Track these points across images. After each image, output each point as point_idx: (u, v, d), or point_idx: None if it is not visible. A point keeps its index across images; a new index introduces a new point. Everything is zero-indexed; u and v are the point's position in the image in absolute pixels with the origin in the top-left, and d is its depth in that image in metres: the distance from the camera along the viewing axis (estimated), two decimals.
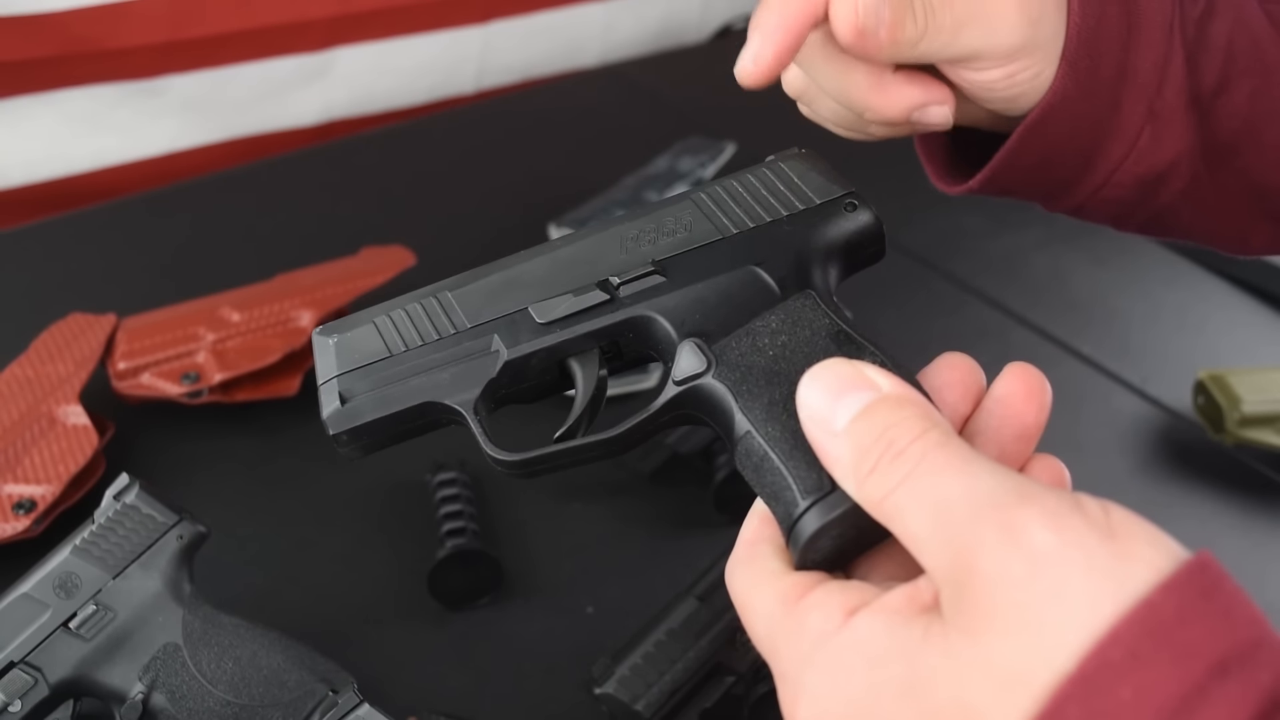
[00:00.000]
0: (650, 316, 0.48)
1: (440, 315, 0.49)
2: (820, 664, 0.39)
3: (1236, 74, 0.59)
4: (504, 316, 0.49)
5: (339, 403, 0.48)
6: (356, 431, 0.48)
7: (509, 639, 0.78)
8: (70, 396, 0.84)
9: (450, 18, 1.36)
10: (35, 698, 0.62)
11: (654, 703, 0.68)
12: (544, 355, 0.48)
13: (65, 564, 0.65)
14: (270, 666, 0.64)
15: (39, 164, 1.20)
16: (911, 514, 0.38)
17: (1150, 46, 0.57)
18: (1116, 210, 0.62)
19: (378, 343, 0.49)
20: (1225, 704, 0.32)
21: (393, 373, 0.48)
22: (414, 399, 0.48)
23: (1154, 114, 0.58)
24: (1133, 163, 0.58)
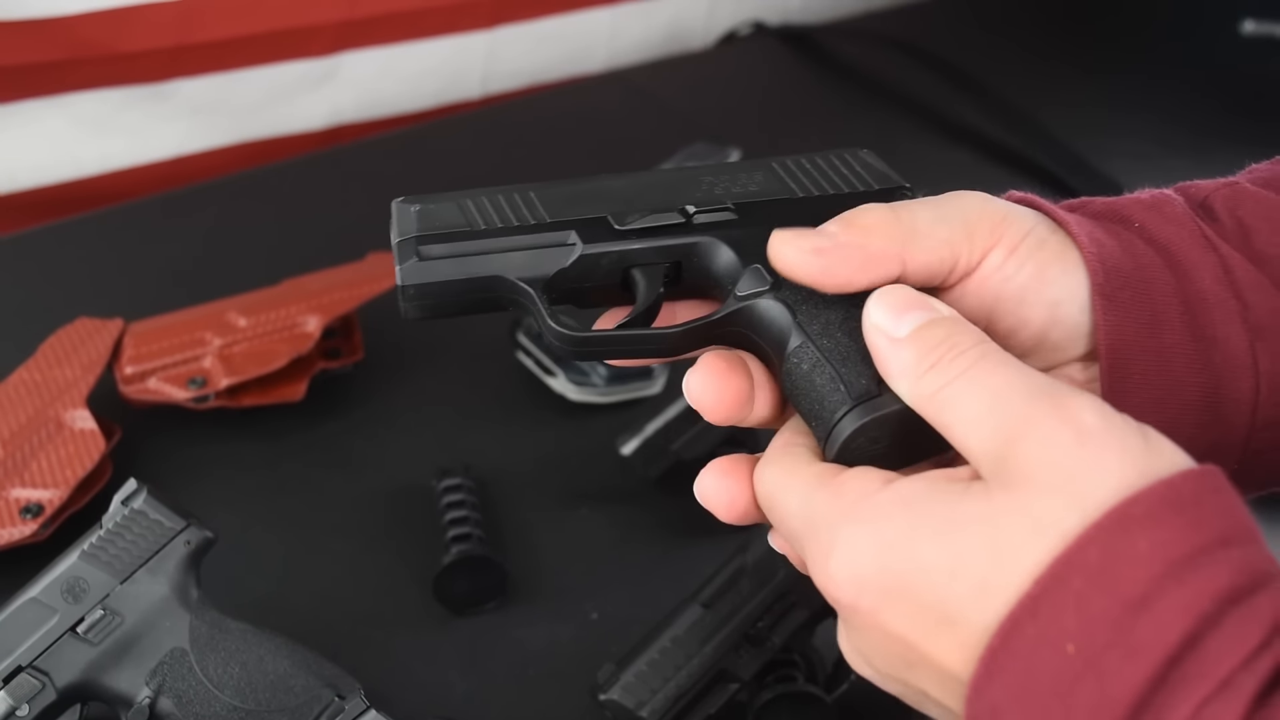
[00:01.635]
0: (719, 243, 0.51)
1: (521, 207, 0.52)
2: (858, 516, 0.42)
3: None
4: (583, 219, 0.52)
5: (416, 257, 0.50)
6: (426, 288, 0.50)
7: (514, 644, 0.78)
8: (77, 401, 0.85)
9: (456, 23, 1.36)
10: (43, 702, 0.63)
11: (659, 709, 0.68)
12: (615, 258, 0.51)
13: (73, 569, 0.65)
14: (277, 672, 0.65)
15: (47, 167, 1.20)
16: (968, 400, 0.42)
17: (1196, 266, 0.50)
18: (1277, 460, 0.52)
19: (459, 217, 0.52)
20: (1227, 565, 0.37)
21: (471, 245, 0.51)
22: (488, 269, 0.51)
23: (1257, 331, 0.49)
24: (1267, 391, 0.49)
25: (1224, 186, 0.53)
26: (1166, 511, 0.37)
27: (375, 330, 0.97)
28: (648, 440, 0.87)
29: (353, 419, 0.93)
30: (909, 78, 1.39)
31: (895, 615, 0.41)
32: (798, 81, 1.45)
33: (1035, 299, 0.49)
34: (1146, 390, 0.49)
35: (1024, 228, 0.50)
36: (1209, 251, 0.50)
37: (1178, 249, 0.50)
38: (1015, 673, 0.38)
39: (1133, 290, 0.49)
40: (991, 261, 0.49)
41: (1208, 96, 1.39)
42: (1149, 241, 0.51)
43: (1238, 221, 0.52)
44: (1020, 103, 1.33)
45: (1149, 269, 0.50)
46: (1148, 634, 0.36)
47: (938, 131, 1.32)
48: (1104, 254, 0.49)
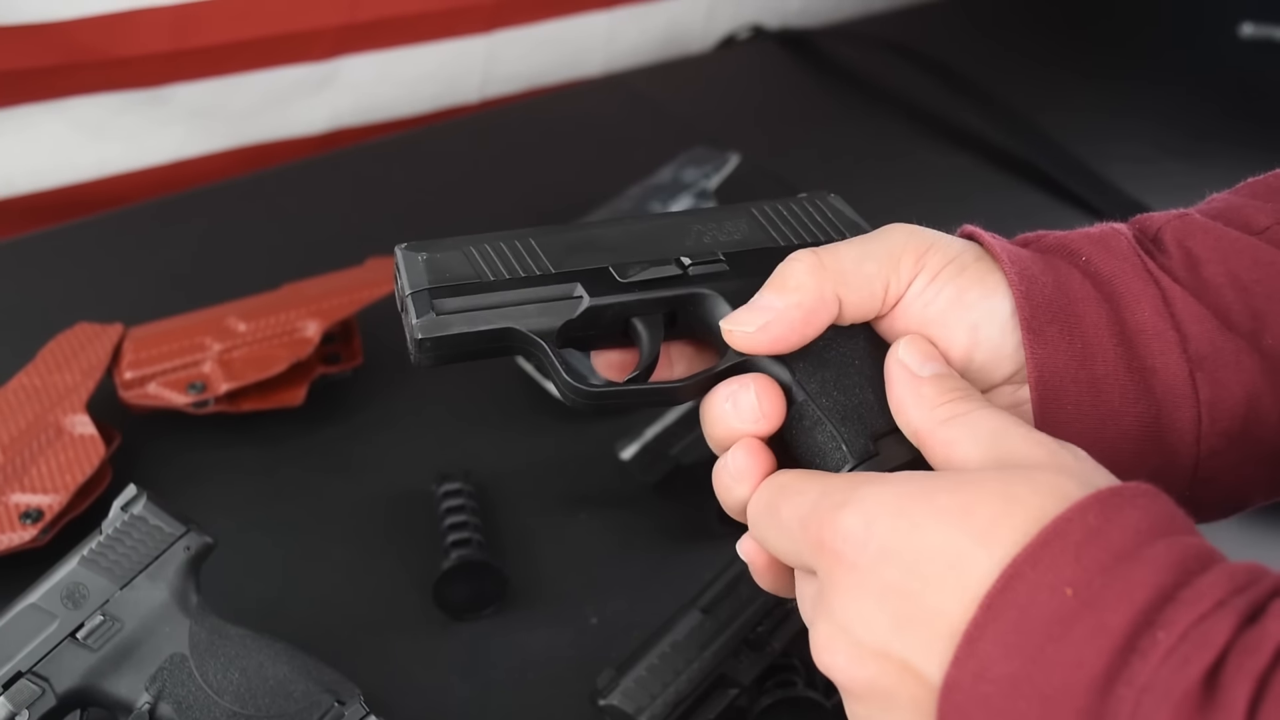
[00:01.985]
0: (715, 295, 0.55)
1: (524, 257, 0.54)
2: (878, 479, 0.45)
3: (1264, 304, 0.52)
4: (587, 270, 0.54)
5: (432, 312, 0.52)
6: (441, 340, 0.52)
7: (513, 650, 0.78)
8: (77, 406, 0.85)
9: (455, 27, 1.36)
10: (42, 708, 0.63)
11: (658, 714, 0.68)
12: (619, 309, 0.54)
13: (73, 574, 0.65)
14: (276, 677, 0.65)
15: (44, 172, 1.20)
16: (975, 429, 0.47)
17: (1136, 298, 0.52)
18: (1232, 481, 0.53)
19: (468, 268, 0.54)
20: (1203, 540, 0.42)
21: (483, 299, 0.53)
22: (501, 322, 0.53)
23: (1196, 362, 0.51)
24: (1209, 421, 0.51)
25: (1176, 218, 0.55)
26: (1152, 501, 0.42)
27: (374, 335, 0.97)
28: (647, 445, 0.87)
29: (352, 424, 0.93)
30: (908, 82, 1.39)
31: (901, 561, 0.43)
32: (796, 85, 1.45)
33: (956, 322, 0.52)
34: (1080, 420, 0.51)
35: (948, 255, 0.53)
36: (1149, 284, 0.52)
37: (1119, 282, 0.52)
38: (1011, 619, 0.40)
39: (1061, 323, 0.51)
40: (915, 288, 0.52)
41: (1207, 100, 1.39)
42: (1091, 275, 0.53)
43: (1186, 252, 0.53)
44: (1019, 107, 1.33)
45: (1081, 302, 0.52)
46: (1141, 577, 0.39)
47: (936, 136, 1.33)
48: (1029, 280, 0.52)
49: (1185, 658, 0.37)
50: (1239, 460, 0.52)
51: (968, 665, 0.40)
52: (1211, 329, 0.51)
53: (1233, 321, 0.52)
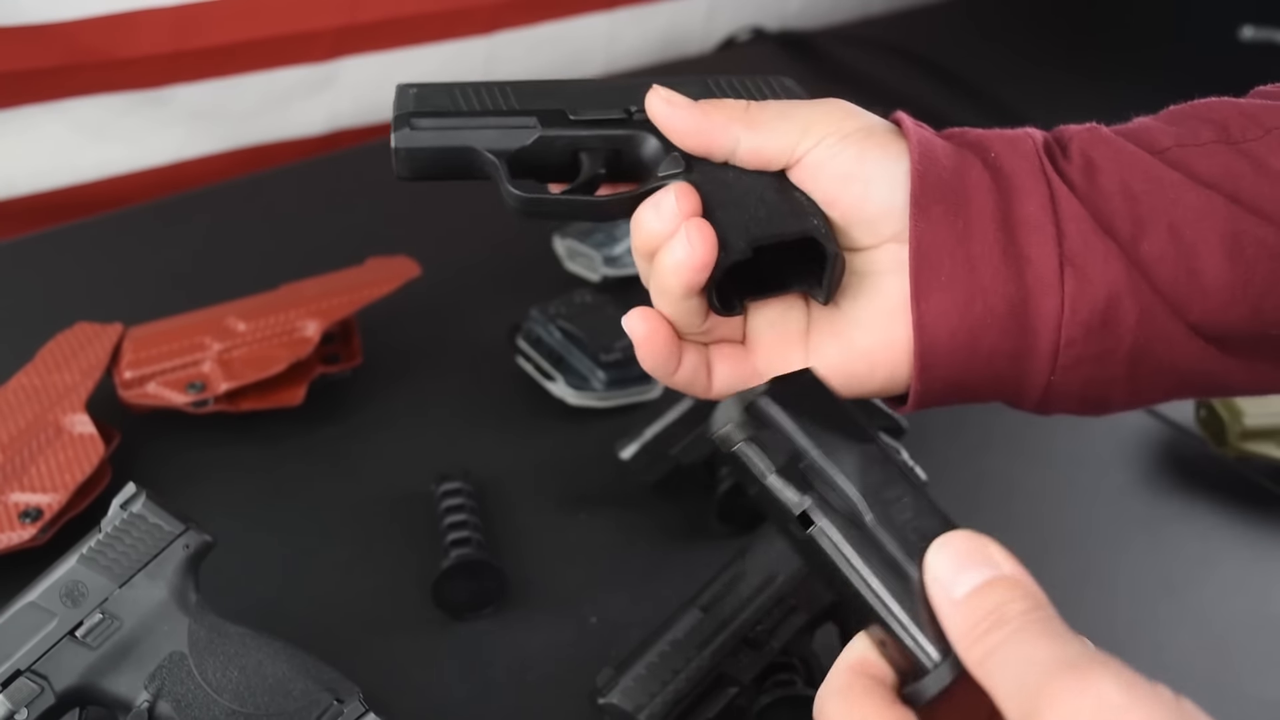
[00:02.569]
0: (649, 135, 0.61)
1: (497, 96, 0.62)
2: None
3: (1147, 213, 0.56)
4: (545, 109, 0.62)
5: (408, 127, 0.60)
6: (413, 151, 0.60)
7: (513, 649, 0.78)
8: (76, 405, 0.85)
9: (455, 29, 1.36)
10: (41, 706, 0.63)
11: (657, 713, 0.68)
12: (566, 141, 0.61)
13: (72, 572, 0.65)
14: (275, 675, 0.65)
15: (45, 173, 1.20)
16: (1003, 671, 0.41)
17: (1028, 193, 0.56)
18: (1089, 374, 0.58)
19: (448, 101, 0.62)
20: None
21: (452, 121, 0.61)
22: (463, 141, 0.61)
23: (1068, 259, 0.55)
24: (1070, 311, 0.56)
25: (1087, 130, 0.60)
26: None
27: (374, 335, 0.97)
28: (646, 445, 0.87)
29: (351, 424, 0.93)
30: (908, 84, 1.39)
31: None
32: None
33: (853, 174, 0.57)
34: (951, 289, 0.56)
35: (861, 124, 0.59)
36: (1041, 182, 0.57)
37: (1015, 177, 0.57)
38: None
39: (948, 203, 0.56)
40: (823, 145, 0.58)
41: None
42: (993, 168, 0.57)
43: (1087, 159, 0.58)
44: (1018, 109, 1.33)
45: (974, 189, 0.57)
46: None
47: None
48: (929, 161, 0.57)
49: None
50: (1096, 354, 0.57)
51: None
52: (1088, 229, 0.56)
53: (1115, 226, 0.56)
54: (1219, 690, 0.78)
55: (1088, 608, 0.48)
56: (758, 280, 0.59)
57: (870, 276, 0.58)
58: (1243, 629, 0.84)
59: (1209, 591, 0.87)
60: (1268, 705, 0.78)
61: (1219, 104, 0.61)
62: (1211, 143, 0.58)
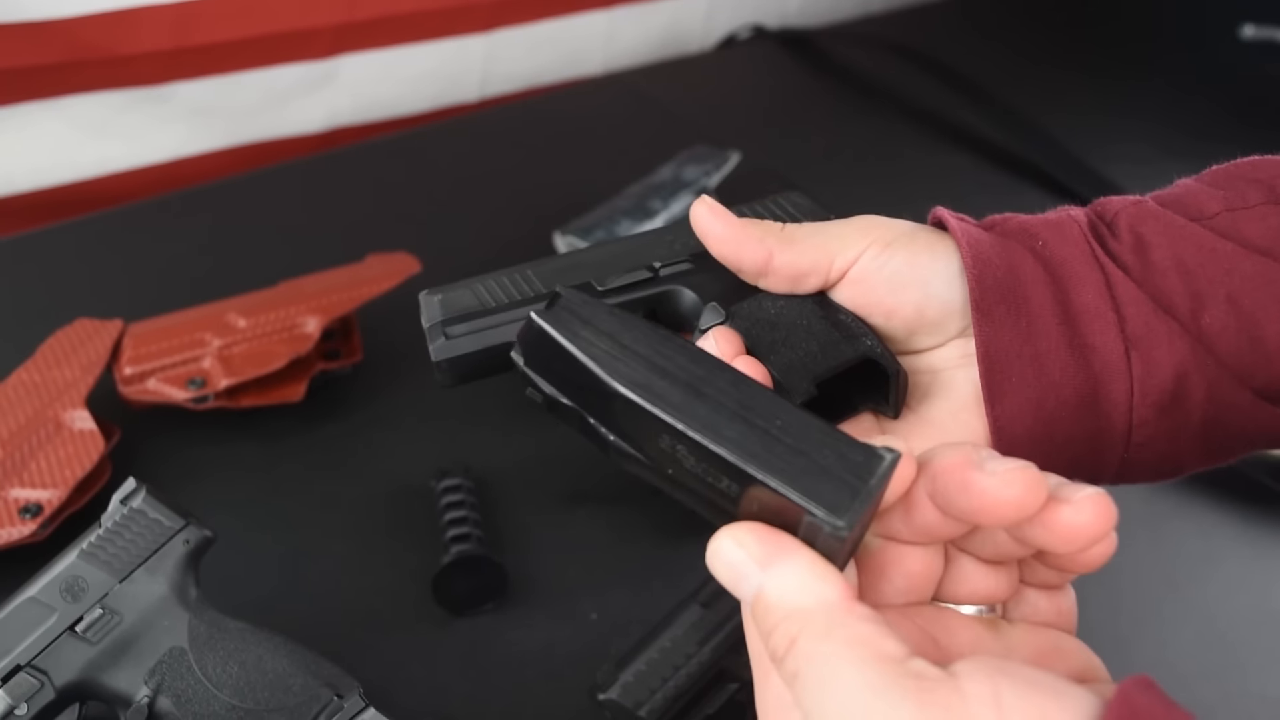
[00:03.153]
0: (682, 289, 0.61)
1: (521, 283, 0.62)
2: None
3: (1204, 286, 0.56)
4: (572, 286, 0.59)
5: (443, 338, 0.61)
6: (454, 361, 0.61)
7: (513, 645, 0.78)
8: (77, 401, 0.85)
9: (454, 26, 1.36)
10: (41, 701, 0.63)
11: (657, 709, 0.68)
12: None
13: (72, 568, 0.65)
14: (275, 671, 0.64)
15: (45, 170, 1.20)
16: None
17: (1082, 281, 0.56)
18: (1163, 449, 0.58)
19: (474, 300, 0.62)
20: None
21: (485, 321, 0.61)
22: (501, 338, 0.60)
23: (1132, 341, 0.56)
24: (1140, 394, 0.56)
25: (1132, 205, 0.59)
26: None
27: (374, 332, 0.97)
28: None
29: (352, 420, 0.93)
30: (908, 81, 1.39)
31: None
32: (797, 85, 1.45)
33: (908, 280, 0.57)
34: (1023, 391, 0.56)
35: (902, 229, 0.58)
36: (1094, 269, 0.57)
37: (1068, 266, 0.57)
38: None
39: (1009, 304, 0.56)
40: (867, 255, 0.57)
41: (1208, 100, 1.39)
42: (1044, 259, 0.57)
43: (1137, 237, 0.57)
44: (1019, 106, 1.33)
45: (1030, 284, 0.56)
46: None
47: (937, 135, 1.33)
48: (983, 263, 0.56)
49: None
50: (1169, 430, 0.57)
51: None
52: (1148, 311, 0.56)
53: (1173, 304, 0.56)
54: (1221, 687, 0.78)
55: (1090, 605, 0.47)
56: (824, 408, 0.57)
57: (939, 375, 0.58)
58: (1244, 626, 0.84)
59: (1211, 589, 0.87)
60: (1270, 702, 0.78)
61: (1264, 163, 0.60)
62: (1261, 204, 0.58)
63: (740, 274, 0.59)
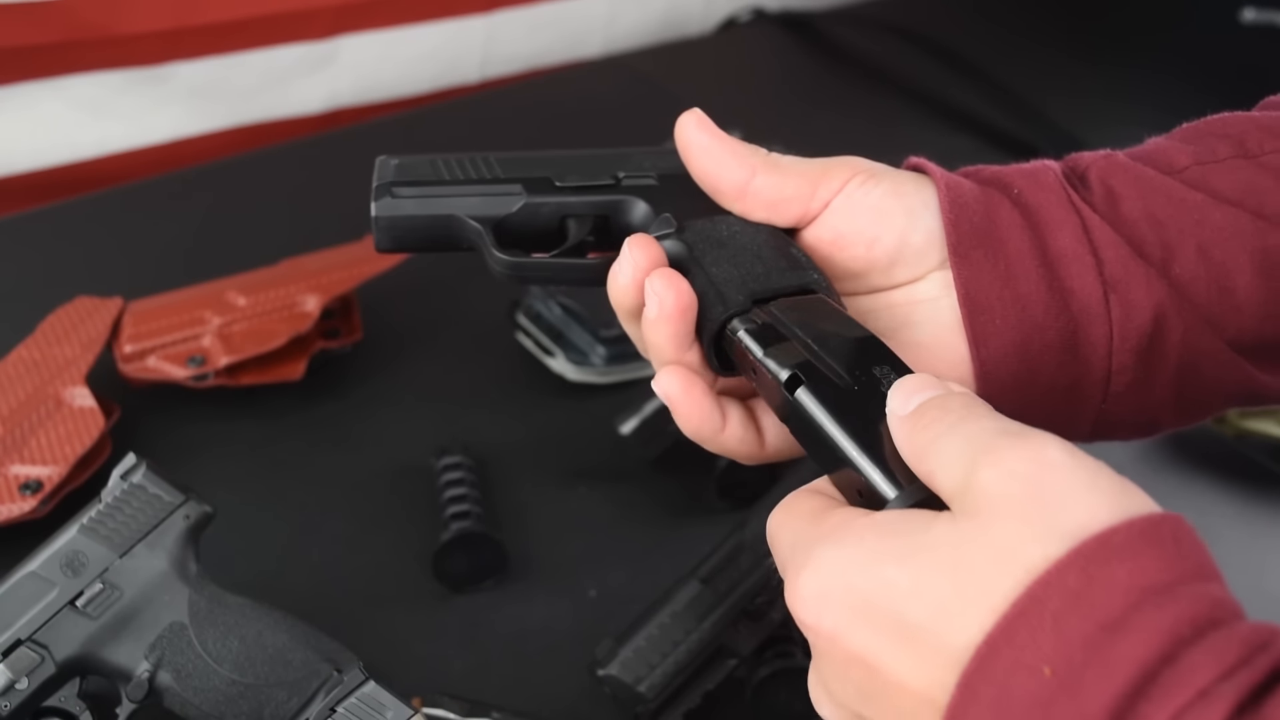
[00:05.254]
0: (638, 200, 0.59)
1: (481, 166, 0.61)
2: (833, 538, 0.43)
3: (1174, 237, 0.56)
4: (530, 176, 0.60)
5: (389, 196, 0.59)
6: (394, 220, 0.59)
7: (513, 621, 0.78)
8: (77, 379, 0.85)
9: (454, 7, 1.36)
10: (42, 675, 0.63)
11: (657, 684, 0.68)
12: (553, 208, 0.60)
13: (72, 542, 0.65)
14: (276, 646, 0.65)
15: (44, 150, 1.20)
16: (946, 446, 0.43)
17: (1059, 225, 0.56)
18: (1140, 398, 0.58)
19: (430, 171, 0.60)
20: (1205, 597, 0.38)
21: (434, 189, 0.59)
22: (445, 209, 0.59)
23: (1110, 284, 0.56)
24: (1119, 337, 0.56)
25: (1102, 158, 0.59)
26: (1145, 545, 0.38)
27: (374, 310, 0.97)
28: (646, 420, 0.87)
29: (351, 398, 0.93)
30: (909, 64, 1.39)
31: (857, 634, 0.41)
32: (798, 67, 1.45)
33: (892, 208, 0.57)
34: (1007, 333, 0.56)
35: (884, 167, 0.58)
36: (1071, 213, 0.57)
37: (1044, 211, 0.57)
38: (991, 698, 0.38)
39: (986, 248, 0.56)
40: (852, 184, 0.57)
41: (1207, 84, 1.38)
42: (1020, 205, 0.57)
43: (1107, 189, 0.57)
44: (1021, 90, 1.33)
45: (1007, 228, 0.56)
46: (1125, 651, 0.36)
47: (938, 117, 1.32)
48: (960, 207, 0.56)
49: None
50: (1146, 377, 0.57)
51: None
52: (1124, 254, 0.56)
53: (1145, 252, 0.56)
54: None
55: None
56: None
57: (919, 305, 0.57)
58: (1241, 606, 0.84)
59: None
60: None
61: (1233, 119, 0.60)
62: (1230, 158, 0.58)
63: (716, 194, 0.57)
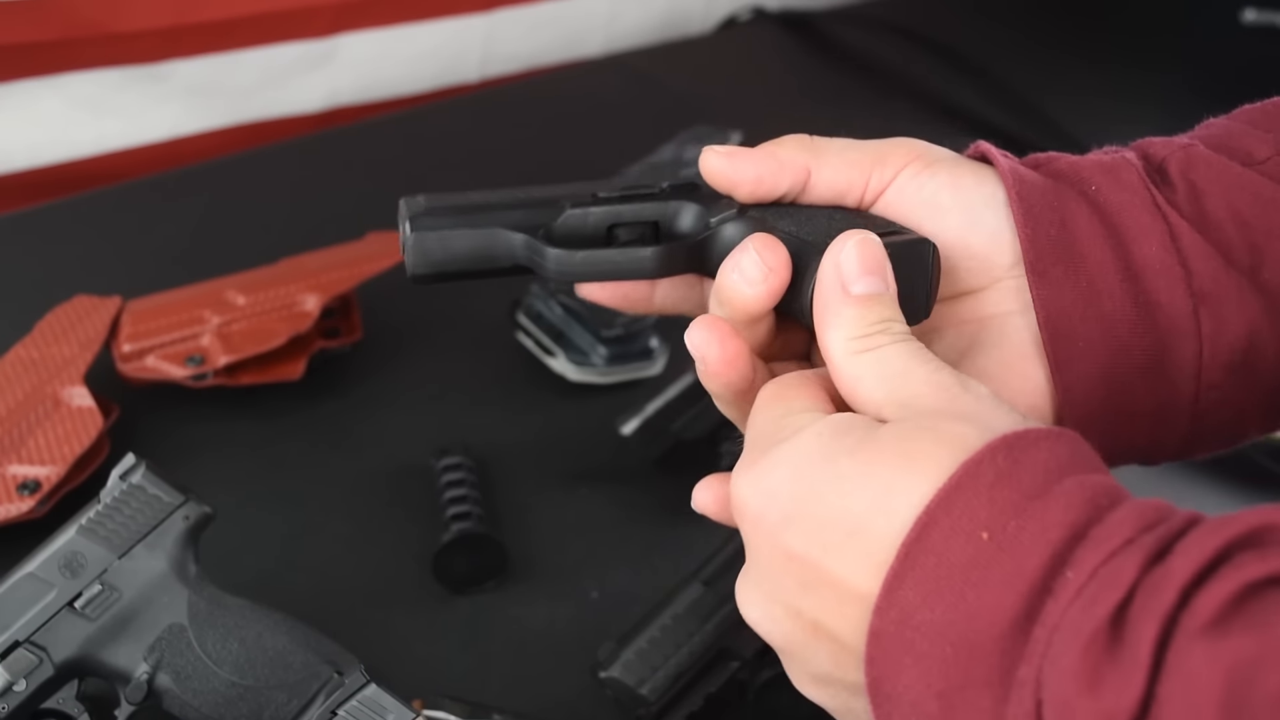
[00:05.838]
0: (687, 203, 0.55)
1: (515, 192, 0.57)
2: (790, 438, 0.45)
3: (1262, 240, 0.52)
4: (571, 193, 0.56)
5: (424, 222, 0.54)
6: (429, 243, 0.54)
7: (514, 623, 0.78)
8: (75, 378, 0.84)
9: (455, 6, 1.36)
10: (40, 677, 0.62)
11: (659, 686, 0.68)
12: (599, 217, 0.55)
13: (71, 543, 0.64)
14: (275, 648, 0.64)
15: (43, 148, 1.19)
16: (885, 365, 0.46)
17: (1144, 233, 0.52)
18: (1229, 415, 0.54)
19: (461, 200, 0.56)
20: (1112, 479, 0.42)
21: (472, 211, 0.55)
22: (488, 225, 0.55)
23: (1200, 297, 0.52)
24: (1210, 354, 0.52)
25: (1180, 150, 0.55)
26: (1057, 441, 0.42)
27: (374, 310, 0.96)
28: (648, 420, 0.86)
29: (351, 398, 0.93)
30: (909, 63, 1.39)
31: (802, 529, 0.43)
32: (798, 66, 1.44)
33: (949, 203, 0.53)
34: (1092, 355, 0.52)
35: (945, 152, 0.55)
36: (1157, 219, 0.52)
37: (1127, 215, 0.52)
38: (929, 566, 0.40)
39: (1066, 264, 0.52)
40: (905, 174, 0.53)
41: (1207, 85, 1.38)
42: (1099, 207, 0.53)
43: (1190, 185, 0.53)
44: (1021, 89, 1.33)
45: (1086, 240, 0.52)
46: (1055, 515, 0.39)
47: (939, 117, 1.32)
48: (1034, 219, 0.52)
49: (1093, 598, 0.38)
50: (1237, 393, 0.53)
51: (889, 614, 0.41)
52: (1215, 265, 0.52)
53: (1233, 258, 0.52)
54: None
55: None
56: None
57: (988, 322, 0.54)
58: None
59: None
60: None
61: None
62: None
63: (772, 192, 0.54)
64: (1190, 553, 0.38)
